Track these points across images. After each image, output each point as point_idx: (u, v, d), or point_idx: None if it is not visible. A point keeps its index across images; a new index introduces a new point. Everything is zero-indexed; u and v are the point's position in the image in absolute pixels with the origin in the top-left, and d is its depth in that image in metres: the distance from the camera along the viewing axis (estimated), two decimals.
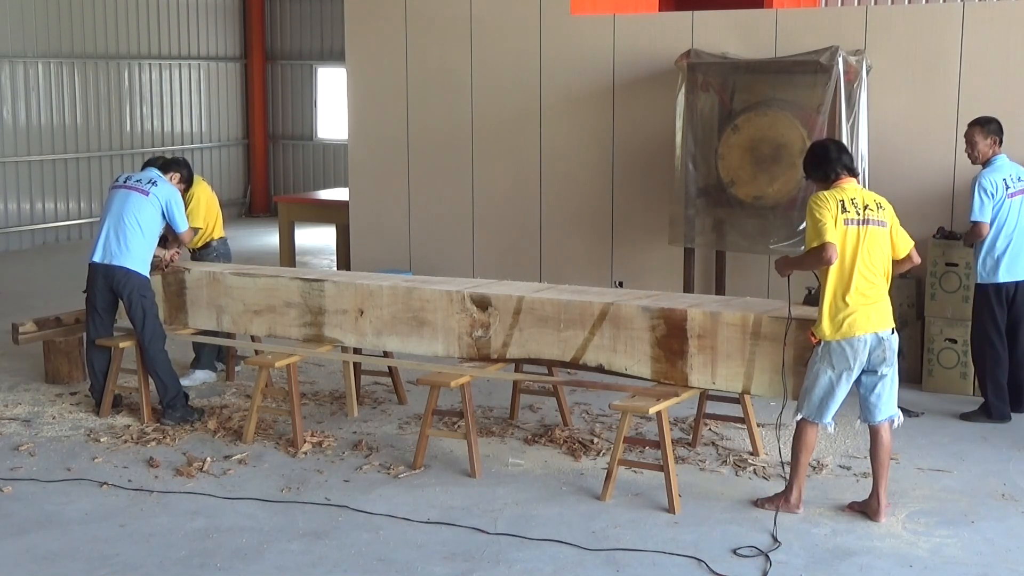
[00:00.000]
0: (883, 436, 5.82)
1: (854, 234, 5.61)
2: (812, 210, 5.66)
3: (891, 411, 5.84)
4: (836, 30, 8.40)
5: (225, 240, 8.59)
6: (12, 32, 14.64)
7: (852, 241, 5.61)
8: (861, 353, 5.63)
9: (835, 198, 5.66)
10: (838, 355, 5.62)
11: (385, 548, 5.48)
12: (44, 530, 5.71)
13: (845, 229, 5.60)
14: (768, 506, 5.88)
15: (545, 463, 6.67)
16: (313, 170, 18.54)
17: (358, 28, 10.33)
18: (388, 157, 10.26)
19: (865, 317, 5.60)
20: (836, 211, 5.61)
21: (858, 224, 5.62)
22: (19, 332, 8.12)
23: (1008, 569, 5.28)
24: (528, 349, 6.65)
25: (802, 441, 5.81)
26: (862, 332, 5.59)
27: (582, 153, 9.48)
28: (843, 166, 5.78)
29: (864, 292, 5.61)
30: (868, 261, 5.62)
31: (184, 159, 8.15)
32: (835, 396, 5.72)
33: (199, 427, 7.28)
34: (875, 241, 5.65)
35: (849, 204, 5.64)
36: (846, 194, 5.69)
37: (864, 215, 5.64)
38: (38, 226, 15.18)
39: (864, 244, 5.62)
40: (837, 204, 5.63)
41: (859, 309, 5.59)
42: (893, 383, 5.82)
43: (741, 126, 8.10)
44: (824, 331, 5.63)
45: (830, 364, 5.65)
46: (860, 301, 5.60)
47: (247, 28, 18.34)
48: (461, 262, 9.92)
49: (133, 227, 7.37)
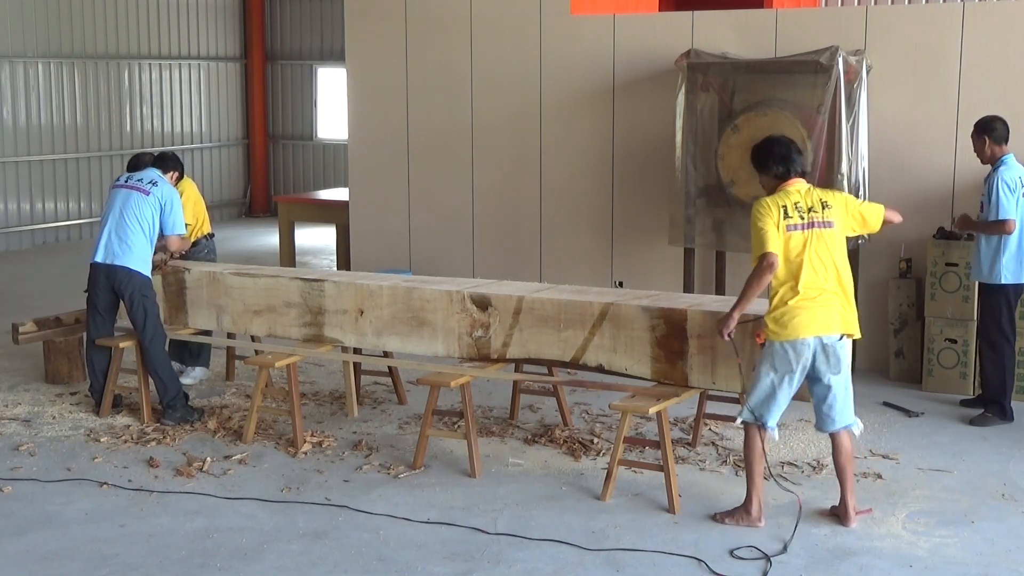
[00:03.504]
0: (844, 443, 5.74)
1: (799, 239, 5.56)
2: (754, 219, 5.61)
3: (846, 420, 5.72)
4: (836, 30, 8.40)
5: (212, 236, 8.57)
6: (12, 32, 14.64)
7: (797, 246, 5.55)
8: (805, 356, 5.54)
9: (777, 205, 5.60)
10: (780, 357, 5.55)
11: (385, 548, 5.48)
12: (44, 530, 5.70)
13: (789, 235, 5.55)
14: (728, 521, 5.74)
15: (545, 463, 6.67)
16: (313, 170, 18.54)
17: (358, 28, 10.34)
18: (388, 157, 10.27)
19: (811, 320, 5.52)
20: (778, 217, 5.56)
21: (803, 229, 5.56)
22: (19, 332, 8.12)
23: (1008, 569, 5.28)
24: (528, 349, 6.65)
25: (750, 447, 5.70)
26: (806, 335, 5.51)
27: (582, 153, 9.48)
28: (791, 166, 5.71)
29: (811, 296, 5.53)
30: (816, 264, 5.56)
31: (174, 153, 8.16)
32: (776, 399, 5.62)
33: (199, 427, 7.28)
34: (823, 243, 5.60)
35: (792, 209, 5.58)
36: (789, 199, 5.62)
37: (809, 218, 5.59)
38: (38, 226, 15.18)
39: (811, 248, 5.56)
40: (779, 210, 5.57)
41: (804, 312, 5.52)
42: (846, 392, 5.69)
43: (741, 126, 8.10)
44: (768, 331, 5.57)
45: (772, 366, 5.58)
46: (806, 304, 5.53)
47: (247, 28, 18.34)
48: (461, 262, 9.92)
49: (135, 227, 7.37)
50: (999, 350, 7.36)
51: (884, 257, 8.44)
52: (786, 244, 5.55)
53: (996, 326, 7.34)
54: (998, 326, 7.34)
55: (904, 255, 8.32)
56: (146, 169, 7.68)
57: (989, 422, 7.33)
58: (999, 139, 7.24)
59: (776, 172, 5.72)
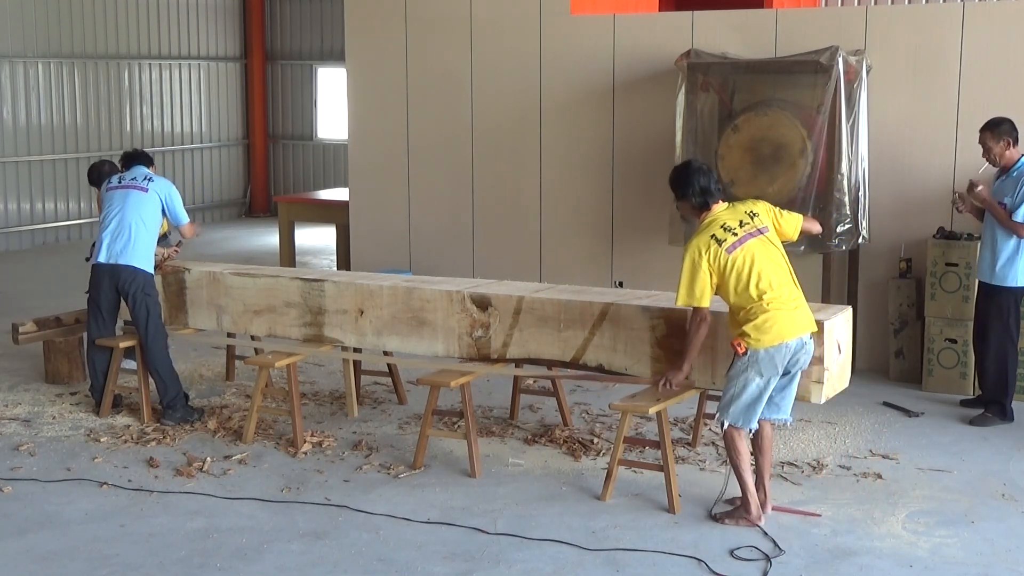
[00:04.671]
0: (765, 429, 5.83)
1: (744, 254, 5.55)
2: (685, 266, 5.61)
3: (788, 411, 5.78)
4: (836, 30, 8.40)
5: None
6: (12, 32, 14.65)
7: (747, 262, 5.54)
8: (787, 357, 5.57)
9: (706, 239, 5.59)
10: (766, 363, 5.54)
11: (385, 548, 5.48)
12: (44, 530, 5.70)
13: (732, 258, 5.54)
14: (728, 521, 5.75)
15: (545, 463, 6.67)
16: (313, 170, 18.55)
17: (358, 28, 10.34)
18: (388, 157, 10.27)
19: (790, 323, 5.54)
20: (713, 254, 5.55)
21: (740, 244, 5.57)
22: (19, 332, 8.12)
23: (1008, 569, 5.28)
24: (528, 349, 6.65)
25: (736, 450, 5.69)
26: (788, 338, 5.53)
27: (582, 153, 9.48)
28: (709, 198, 5.70)
29: (781, 300, 5.55)
30: (772, 271, 5.57)
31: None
32: (761, 401, 5.63)
33: (199, 427, 7.28)
34: (767, 249, 5.62)
35: (723, 232, 5.59)
36: (716, 224, 5.63)
37: (742, 232, 5.60)
38: (38, 226, 15.18)
39: (760, 258, 5.56)
40: (709, 245, 5.57)
41: (783, 316, 5.53)
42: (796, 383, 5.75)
43: (741, 126, 8.10)
44: (750, 340, 5.52)
45: (758, 372, 5.55)
46: (783, 308, 5.54)
47: (247, 28, 18.34)
48: (461, 262, 9.92)
49: (137, 225, 7.38)
50: (1003, 350, 7.35)
51: (884, 257, 8.44)
52: (733, 269, 5.53)
53: (1003, 326, 7.32)
54: (1004, 326, 7.32)
55: (904, 255, 8.32)
56: (133, 168, 7.70)
57: (989, 422, 7.33)
58: (1017, 140, 7.23)
59: (695, 203, 5.74)
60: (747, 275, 5.54)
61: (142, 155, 7.95)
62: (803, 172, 7.87)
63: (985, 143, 7.26)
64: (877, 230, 8.32)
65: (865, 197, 8.12)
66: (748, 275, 5.54)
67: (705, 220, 5.72)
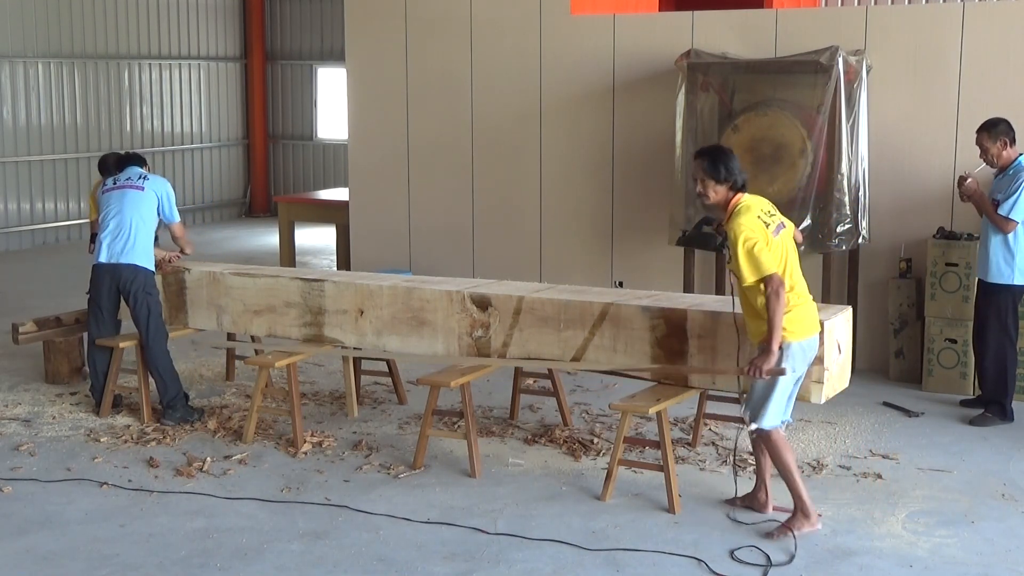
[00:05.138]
0: None
1: (781, 242, 5.50)
2: (747, 240, 5.35)
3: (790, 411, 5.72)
4: (836, 30, 8.40)
5: None
6: (12, 32, 14.64)
7: (784, 250, 5.49)
8: (812, 352, 5.58)
9: (755, 216, 5.44)
10: (799, 356, 5.51)
11: (385, 548, 5.48)
12: (44, 530, 5.70)
13: (775, 240, 5.45)
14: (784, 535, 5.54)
15: (545, 463, 6.67)
16: (313, 170, 18.55)
17: (358, 28, 10.34)
18: (388, 157, 10.27)
19: (814, 317, 5.57)
20: (766, 231, 5.43)
21: (778, 232, 5.51)
22: (19, 332, 8.12)
23: (1008, 569, 5.28)
24: (528, 349, 6.65)
25: (779, 449, 5.59)
26: (816, 332, 5.56)
27: (582, 153, 9.49)
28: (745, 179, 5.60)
29: (806, 295, 5.57)
30: (794, 265, 5.55)
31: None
32: (792, 394, 5.63)
33: (199, 427, 7.28)
34: (792, 244, 5.62)
35: (766, 216, 5.52)
36: (755, 209, 5.49)
37: (774, 222, 5.53)
38: (38, 226, 15.18)
39: (788, 249, 5.54)
40: (762, 223, 5.44)
41: (810, 310, 5.55)
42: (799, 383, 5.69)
43: (741, 126, 8.11)
44: (787, 334, 5.42)
45: (792, 366, 5.50)
46: (807, 303, 5.56)
47: (247, 28, 18.34)
48: (461, 262, 9.92)
49: (137, 223, 7.39)
50: (1002, 349, 7.35)
51: (884, 257, 8.44)
52: (779, 248, 5.47)
53: (1000, 326, 7.32)
54: (1002, 326, 7.31)
55: (904, 255, 8.32)
56: (128, 168, 7.70)
57: (989, 422, 7.33)
58: (1014, 140, 7.23)
59: (737, 183, 5.52)
60: (784, 265, 5.47)
61: (135, 157, 7.95)
62: (803, 172, 7.88)
63: (982, 144, 7.26)
64: (877, 230, 8.32)
65: (865, 197, 8.12)
66: (785, 265, 5.48)
67: (739, 203, 5.50)
